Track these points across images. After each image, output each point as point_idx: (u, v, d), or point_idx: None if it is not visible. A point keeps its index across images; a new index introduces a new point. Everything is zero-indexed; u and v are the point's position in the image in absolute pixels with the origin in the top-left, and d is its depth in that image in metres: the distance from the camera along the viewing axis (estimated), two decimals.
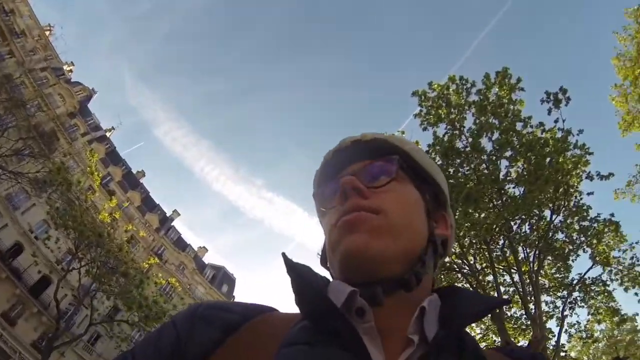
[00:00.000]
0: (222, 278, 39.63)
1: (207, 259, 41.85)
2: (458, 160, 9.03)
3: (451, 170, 9.06)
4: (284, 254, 0.53)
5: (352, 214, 0.50)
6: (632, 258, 10.25)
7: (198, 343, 0.47)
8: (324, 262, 0.61)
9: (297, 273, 0.50)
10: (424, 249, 0.52)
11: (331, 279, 0.56)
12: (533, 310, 9.07)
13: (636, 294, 10.19)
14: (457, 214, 8.15)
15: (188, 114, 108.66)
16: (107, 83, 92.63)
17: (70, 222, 14.84)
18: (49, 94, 28.22)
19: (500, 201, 9.19)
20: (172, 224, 38.28)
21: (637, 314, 18.63)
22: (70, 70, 33.44)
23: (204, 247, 41.21)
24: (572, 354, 15.14)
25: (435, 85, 10.13)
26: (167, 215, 38.76)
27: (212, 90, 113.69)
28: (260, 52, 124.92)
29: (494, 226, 8.55)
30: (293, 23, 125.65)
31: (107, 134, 35.94)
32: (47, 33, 30.47)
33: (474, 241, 9.08)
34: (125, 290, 14.71)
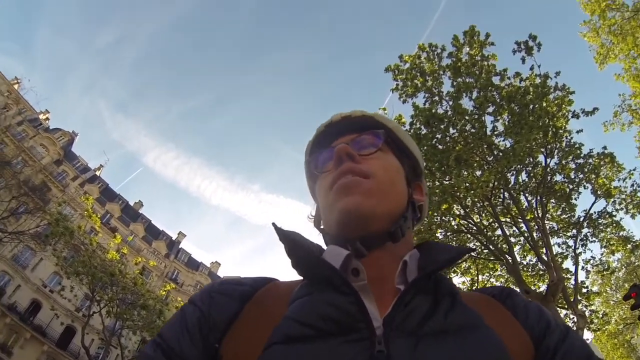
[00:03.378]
0: None
1: (222, 272, 41.79)
2: (442, 126, 9.03)
3: (438, 136, 9.07)
4: (274, 224, 0.60)
5: (347, 178, 0.57)
6: (632, 185, 10.28)
7: (220, 314, 0.52)
8: (317, 224, 0.70)
9: (290, 240, 0.57)
10: (405, 209, 0.61)
11: (323, 243, 0.64)
12: (545, 255, 9.18)
13: None
14: (452, 178, 8.20)
15: (173, 136, 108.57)
16: (86, 123, 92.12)
17: (80, 268, 14.84)
18: (30, 146, 28.01)
19: (492, 156, 9.24)
20: (180, 247, 38.34)
21: None
22: (47, 119, 33.13)
23: (216, 262, 41.18)
24: (594, 288, 15.33)
25: (406, 57, 10.10)
26: (173, 239, 38.83)
27: (190, 107, 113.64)
28: (229, 61, 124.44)
29: (491, 182, 8.62)
30: (255, 26, 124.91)
31: (97, 173, 35.85)
32: (16, 87, 30.09)
33: (475, 200, 9.14)
34: (149, 321, 14.75)
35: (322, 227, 0.67)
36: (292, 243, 0.57)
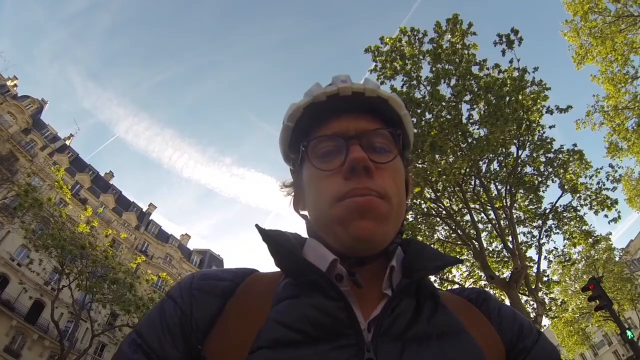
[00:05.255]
0: (210, 261, 39.70)
1: (192, 245, 41.49)
2: (419, 110, 9.12)
3: (414, 119, 9.12)
4: (257, 225, 0.59)
5: (364, 197, 0.52)
6: (598, 183, 10.71)
7: (203, 313, 0.51)
8: (297, 207, 0.66)
9: (273, 240, 0.57)
10: (403, 221, 0.60)
11: (305, 229, 0.63)
12: (511, 243, 9.56)
13: (606, 215, 10.67)
14: (425, 162, 8.35)
15: (146, 106, 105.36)
16: (56, 90, 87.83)
17: (49, 241, 14.39)
18: None
19: (466, 144, 9.43)
20: (150, 219, 37.46)
21: (610, 234, 19.88)
22: (15, 85, 31.33)
23: (186, 234, 40.53)
24: (555, 278, 16.16)
25: (387, 39, 10.05)
26: (144, 210, 37.97)
27: (164, 78, 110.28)
28: (206, 31, 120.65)
29: (464, 168, 8.81)
30: None
31: (67, 142, 34.40)
32: None
33: (446, 185, 9.37)
34: (119, 295, 14.59)
35: (304, 212, 0.64)
36: (275, 243, 0.56)
